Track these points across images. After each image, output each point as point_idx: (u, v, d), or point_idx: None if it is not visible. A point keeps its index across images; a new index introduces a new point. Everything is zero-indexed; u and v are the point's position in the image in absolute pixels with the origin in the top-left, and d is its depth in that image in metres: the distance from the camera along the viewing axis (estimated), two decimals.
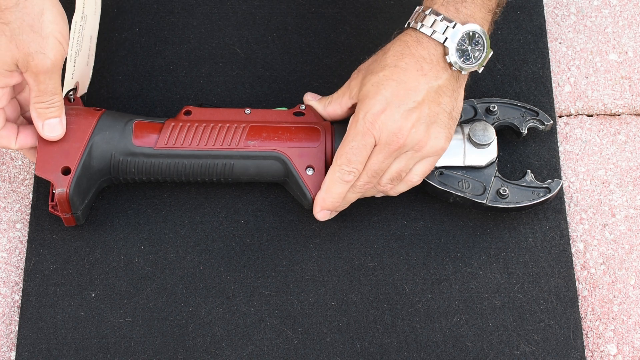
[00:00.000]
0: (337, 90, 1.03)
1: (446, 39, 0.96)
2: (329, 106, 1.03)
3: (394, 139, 0.95)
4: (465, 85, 1.00)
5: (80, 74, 1.04)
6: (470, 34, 0.96)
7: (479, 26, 0.97)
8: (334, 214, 1.02)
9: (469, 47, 0.96)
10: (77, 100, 1.03)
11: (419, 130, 0.96)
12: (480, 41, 0.97)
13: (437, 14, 0.96)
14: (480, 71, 0.99)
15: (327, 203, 0.99)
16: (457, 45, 0.96)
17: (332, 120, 1.04)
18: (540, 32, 1.15)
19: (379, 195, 1.03)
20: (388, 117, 0.95)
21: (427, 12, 0.97)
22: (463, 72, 0.98)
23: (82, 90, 1.06)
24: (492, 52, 0.99)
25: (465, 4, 0.97)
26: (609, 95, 1.13)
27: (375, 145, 0.96)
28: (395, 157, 0.97)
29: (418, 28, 0.97)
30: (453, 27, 0.96)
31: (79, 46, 1.03)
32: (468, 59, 0.97)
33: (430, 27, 0.96)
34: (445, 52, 0.96)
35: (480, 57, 0.98)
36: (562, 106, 1.13)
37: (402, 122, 0.95)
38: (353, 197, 1.00)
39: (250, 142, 1.01)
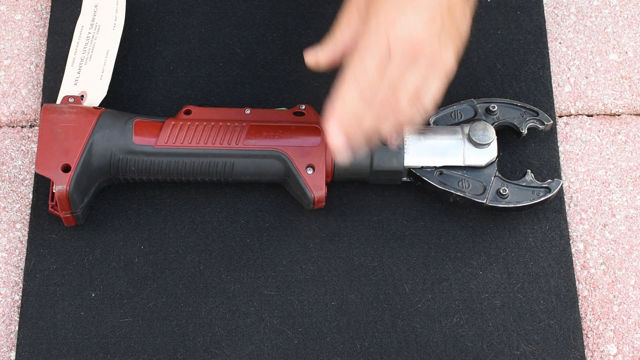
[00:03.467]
0: (340, 22, 0.97)
1: None
2: (339, 36, 0.97)
3: (408, 47, 0.90)
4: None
5: (90, 86, 1.04)
6: None
7: None
8: (348, 153, 0.95)
9: None
10: (77, 99, 1.03)
11: (433, 41, 0.91)
12: None
13: None
14: None
15: (342, 116, 0.92)
16: None
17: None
18: (540, 32, 1.15)
19: (393, 128, 0.96)
20: (403, 24, 0.90)
21: None
22: None
23: (93, 104, 1.05)
24: None
25: None
26: (609, 95, 1.13)
27: (389, 56, 0.91)
28: (409, 69, 0.91)
29: None
30: None
31: (85, 53, 1.03)
32: None
33: None
34: None
35: None
36: (562, 106, 1.13)
37: (418, 31, 0.90)
38: (369, 122, 0.93)
39: (250, 141, 1.01)
